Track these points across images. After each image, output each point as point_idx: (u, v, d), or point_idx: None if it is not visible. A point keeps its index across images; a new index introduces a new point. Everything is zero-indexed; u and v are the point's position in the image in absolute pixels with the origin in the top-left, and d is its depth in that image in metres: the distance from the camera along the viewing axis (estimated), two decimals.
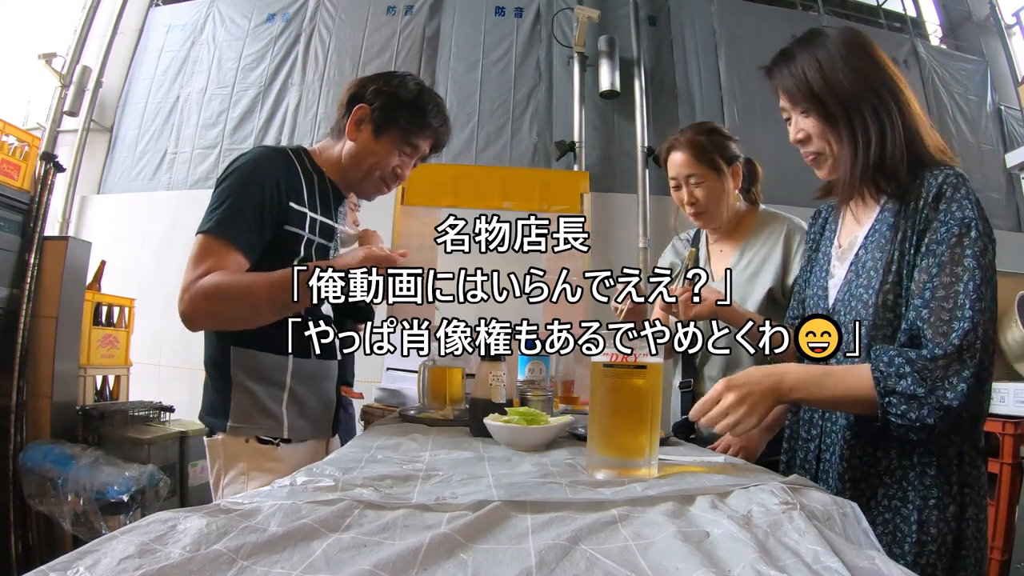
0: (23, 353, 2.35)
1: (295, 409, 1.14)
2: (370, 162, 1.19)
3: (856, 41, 0.90)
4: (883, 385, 0.77)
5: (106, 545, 0.41)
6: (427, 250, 4.48)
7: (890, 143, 0.86)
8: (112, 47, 4.94)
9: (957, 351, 0.74)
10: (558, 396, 1.53)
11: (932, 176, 0.84)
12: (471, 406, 1.04)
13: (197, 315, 1.01)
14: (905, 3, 5.70)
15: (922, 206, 0.83)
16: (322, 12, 4.77)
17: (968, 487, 0.83)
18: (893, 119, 0.86)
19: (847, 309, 0.91)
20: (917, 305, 0.79)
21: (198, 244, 1.03)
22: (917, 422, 0.75)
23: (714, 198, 1.37)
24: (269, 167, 1.10)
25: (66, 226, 4.52)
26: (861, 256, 0.92)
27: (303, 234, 1.13)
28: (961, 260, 0.78)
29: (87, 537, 2.07)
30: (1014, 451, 2.03)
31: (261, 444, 1.10)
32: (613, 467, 0.70)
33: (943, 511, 0.81)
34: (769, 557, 0.43)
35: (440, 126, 1.22)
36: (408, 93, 1.18)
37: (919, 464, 0.83)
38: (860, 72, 0.88)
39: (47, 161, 2.53)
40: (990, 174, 5.04)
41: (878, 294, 0.86)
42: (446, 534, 0.45)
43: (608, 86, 4.13)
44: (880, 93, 0.87)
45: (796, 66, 0.91)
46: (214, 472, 1.12)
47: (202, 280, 0.99)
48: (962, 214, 0.80)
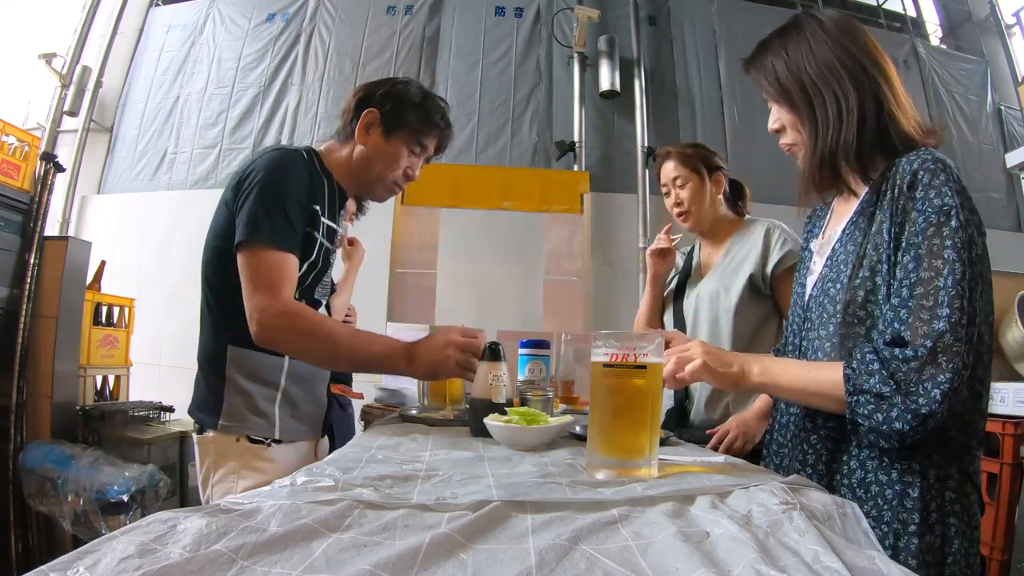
0: (23, 353, 2.35)
1: (287, 410, 1.14)
2: (382, 164, 1.20)
3: (833, 27, 0.86)
4: (852, 383, 0.72)
5: (106, 545, 0.41)
6: (427, 250, 4.46)
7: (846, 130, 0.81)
8: (112, 47, 4.94)
9: (931, 353, 0.67)
10: (558, 396, 1.54)
11: (908, 162, 0.78)
12: (471, 406, 1.04)
13: (279, 342, 1.03)
14: (905, 3, 5.70)
15: (897, 195, 0.77)
16: (322, 12, 4.77)
17: (953, 516, 0.75)
18: (863, 105, 0.81)
19: (818, 305, 0.87)
20: (895, 305, 0.73)
21: (263, 258, 1.02)
22: (884, 425, 0.69)
23: (696, 199, 1.51)
24: (299, 171, 1.12)
25: (66, 226, 4.52)
26: (836, 250, 0.87)
27: (319, 238, 1.14)
28: (940, 252, 0.71)
29: (87, 537, 2.07)
30: (1014, 451, 2.03)
31: (252, 443, 1.10)
32: (613, 467, 0.70)
33: (920, 538, 0.74)
34: (769, 557, 0.43)
35: (445, 128, 1.26)
36: (415, 95, 1.21)
37: (899, 482, 0.76)
38: (827, 58, 0.83)
39: (47, 161, 2.53)
40: (990, 174, 5.04)
41: (846, 290, 0.80)
42: (446, 534, 0.45)
43: (608, 86, 4.14)
44: (852, 78, 0.82)
45: (767, 57, 0.89)
46: (203, 469, 1.12)
47: (289, 307, 1.01)
48: (941, 201, 0.73)
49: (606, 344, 0.72)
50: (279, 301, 1.00)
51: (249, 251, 1.03)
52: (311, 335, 1.01)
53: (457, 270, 3.77)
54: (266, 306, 0.99)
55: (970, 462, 0.78)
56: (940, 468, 0.76)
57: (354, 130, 1.19)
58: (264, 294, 1.00)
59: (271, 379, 1.13)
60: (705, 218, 1.54)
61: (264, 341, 1.02)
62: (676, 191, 1.53)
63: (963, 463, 0.77)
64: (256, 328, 1.00)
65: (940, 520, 0.75)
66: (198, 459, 1.13)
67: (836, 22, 0.87)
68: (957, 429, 0.76)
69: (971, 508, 0.77)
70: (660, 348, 0.73)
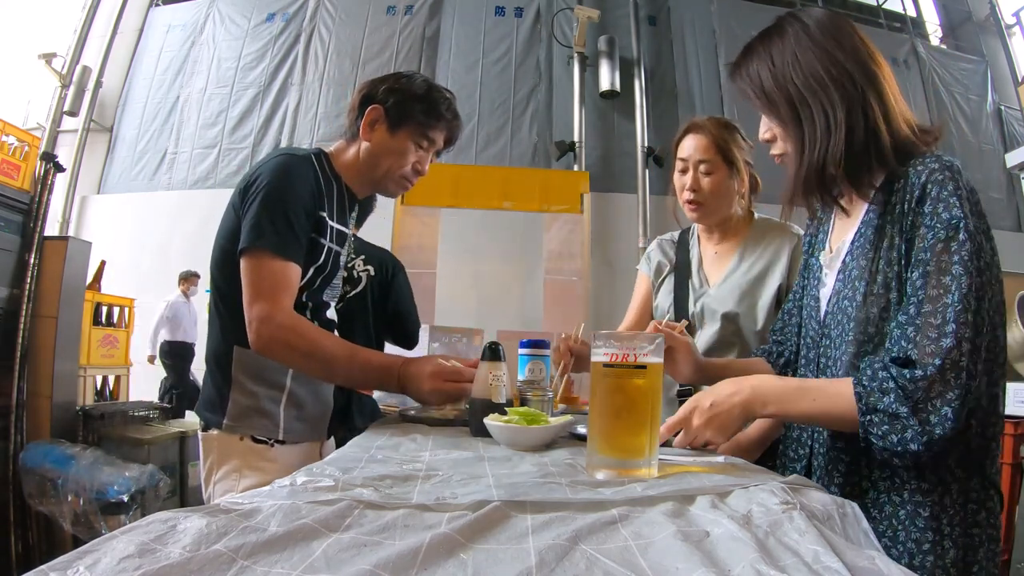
0: (23, 353, 2.35)
1: (292, 411, 1.14)
2: (390, 160, 1.19)
3: (818, 30, 0.82)
4: (864, 401, 0.70)
5: (106, 545, 0.41)
6: (427, 251, 4.48)
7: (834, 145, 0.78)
8: (112, 47, 4.94)
9: (939, 371, 0.66)
10: (558, 396, 1.53)
11: (916, 174, 0.76)
12: (471, 406, 1.04)
13: (275, 353, 1.04)
14: (905, 3, 5.70)
15: (907, 210, 0.75)
16: (322, 12, 4.77)
17: (976, 526, 0.73)
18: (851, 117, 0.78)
19: (836, 323, 0.84)
20: (902, 323, 0.72)
21: (264, 265, 1.03)
22: (899, 446, 0.68)
23: (719, 192, 1.32)
24: (304, 177, 1.11)
25: (66, 226, 4.53)
26: (848, 264, 0.84)
27: (325, 243, 1.15)
28: (949, 268, 0.70)
29: (87, 537, 2.07)
30: (1014, 451, 2.03)
31: (255, 443, 1.10)
32: (613, 467, 0.70)
33: (941, 557, 0.72)
34: (769, 557, 0.43)
35: (453, 119, 1.24)
36: (419, 88, 1.19)
37: (911, 501, 0.74)
38: (813, 68, 0.80)
39: (47, 161, 2.53)
40: (990, 174, 5.04)
41: (861, 308, 0.78)
42: (446, 534, 0.45)
43: (608, 86, 4.14)
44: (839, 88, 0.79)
45: (752, 65, 0.86)
46: (206, 467, 1.12)
47: (287, 321, 1.02)
48: (949, 215, 0.71)
49: (606, 344, 0.71)
50: (278, 312, 1.01)
51: (251, 257, 1.04)
52: (306, 355, 1.04)
53: (457, 270, 3.77)
54: (265, 317, 1.00)
55: (991, 465, 0.77)
56: (962, 482, 0.74)
57: (360, 128, 1.19)
58: (263, 303, 1.01)
59: (276, 380, 1.13)
60: (721, 215, 1.35)
61: (260, 351, 1.03)
62: (697, 175, 1.31)
63: (984, 469, 0.76)
64: (254, 338, 1.02)
65: (964, 533, 0.73)
66: (202, 456, 1.14)
67: (822, 24, 0.83)
68: (977, 435, 0.75)
69: (994, 511, 0.76)
70: (660, 348, 0.73)
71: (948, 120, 4.95)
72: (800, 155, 0.82)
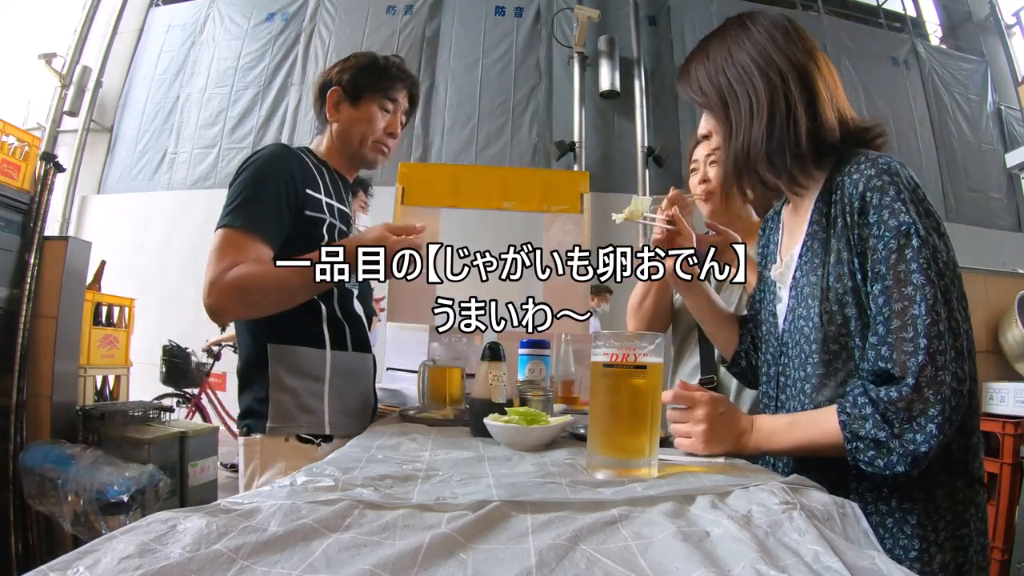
0: (23, 353, 2.35)
1: (335, 403, 1.15)
2: (360, 130, 1.25)
3: (758, 28, 0.83)
4: (849, 429, 0.70)
5: (106, 545, 0.41)
6: None
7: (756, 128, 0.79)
8: (112, 47, 4.94)
9: (915, 389, 0.66)
10: (558, 396, 1.53)
11: (852, 183, 0.74)
12: (471, 406, 1.04)
13: (228, 307, 1.03)
14: (905, 3, 5.70)
15: (849, 223, 0.74)
16: (322, 12, 4.77)
17: (964, 526, 0.74)
18: (773, 104, 0.79)
19: (794, 342, 0.84)
20: (874, 343, 0.71)
21: (220, 238, 1.04)
22: (886, 470, 0.68)
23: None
24: (282, 159, 1.15)
25: (66, 226, 4.53)
26: (799, 280, 0.83)
27: (324, 217, 1.17)
28: (908, 278, 0.68)
29: (87, 537, 2.07)
30: (1014, 451, 2.03)
31: (301, 443, 1.10)
32: (613, 467, 0.70)
33: (929, 563, 0.72)
34: (769, 557, 0.43)
35: (406, 78, 1.30)
36: (367, 59, 1.27)
37: (898, 510, 0.74)
38: (743, 61, 0.82)
39: (47, 161, 2.53)
40: (990, 174, 5.04)
41: (819, 328, 0.78)
42: (446, 534, 0.45)
43: (608, 86, 4.14)
44: (764, 77, 0.80)
45: (692, 65, 0.88)
46: (248, 472, 1.11)
47: (230, 273, 1.01)
48: (896, 221, 0.70)
49: (606, 344, 0.72)
50: (220, 276, 1.00)
51: (216, 233, 1.05)
52: (260, 290, 1.02)
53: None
54: (210, 282, 1.00)
55: (973, 460, 0.76)
56: (947, 485, 0.74)
57: (327, 115, 1.26)
58: (208, 274, 1.02)
59: (316, 373, 1.14)
60: (727, 212, 1.36)
61: (215, 312, 1.03)
62: (706, 168, 1.36)
63: (968, 467, 0.76)
64: (207, 306, 1.01)
65: (952, 535, 0.74)
66: (242, 462, 1.13)
67: (760, 23, 0.84)
68: (957, 435, 0.74)
69: (981, 505, 0.76)
70: (660, 348, 0.73)
71: (948, 120, 4.95)
72: (727, 142, 0.84)
